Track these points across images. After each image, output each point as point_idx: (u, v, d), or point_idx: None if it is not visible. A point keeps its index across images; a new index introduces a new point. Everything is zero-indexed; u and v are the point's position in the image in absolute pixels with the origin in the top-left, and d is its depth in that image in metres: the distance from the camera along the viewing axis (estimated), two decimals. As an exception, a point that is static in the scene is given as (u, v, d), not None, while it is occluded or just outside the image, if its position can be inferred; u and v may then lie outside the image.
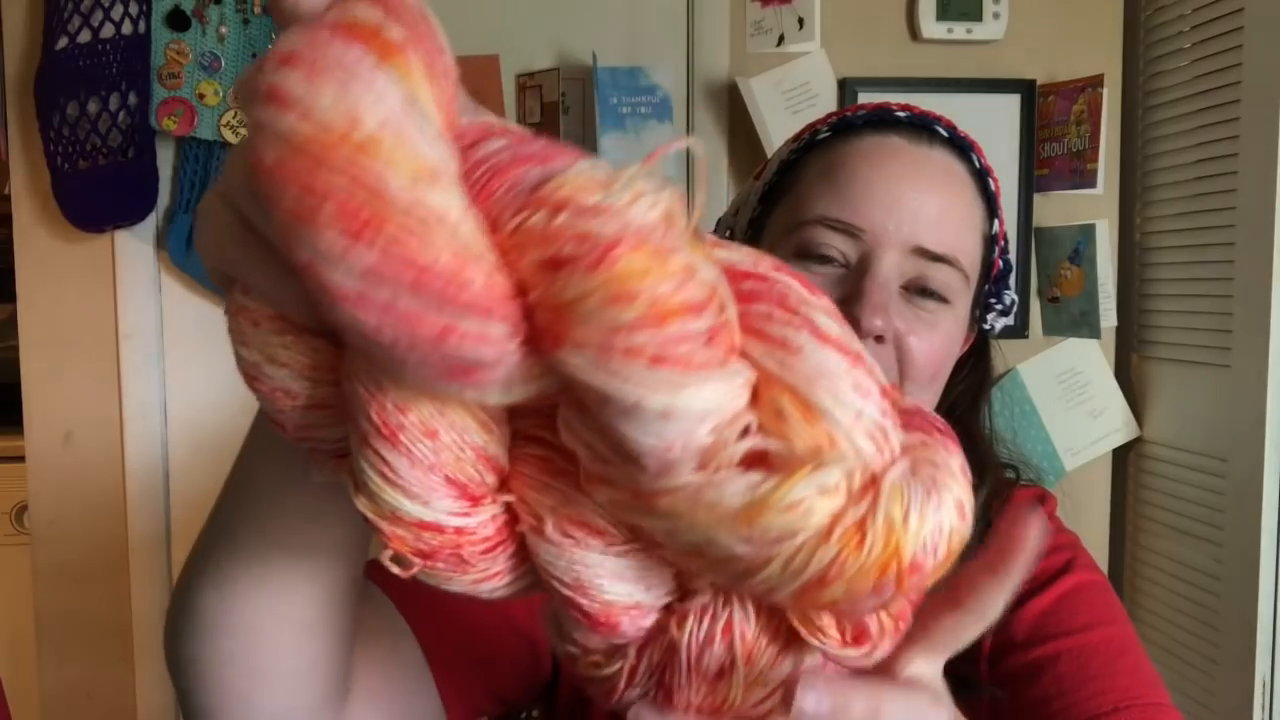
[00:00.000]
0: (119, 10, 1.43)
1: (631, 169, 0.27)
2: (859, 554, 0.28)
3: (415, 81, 0.27)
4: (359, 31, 0.27)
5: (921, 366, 0.66)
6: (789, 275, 0.31)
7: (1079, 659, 0.65)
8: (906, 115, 0.69)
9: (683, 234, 0.28)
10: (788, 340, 0.29)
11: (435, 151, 0.27)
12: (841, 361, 0.29)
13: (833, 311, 0.30)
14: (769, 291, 0.30)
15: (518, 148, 0.29)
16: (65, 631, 1.52)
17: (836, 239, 0.65)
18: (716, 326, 0.28)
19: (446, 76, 0.29)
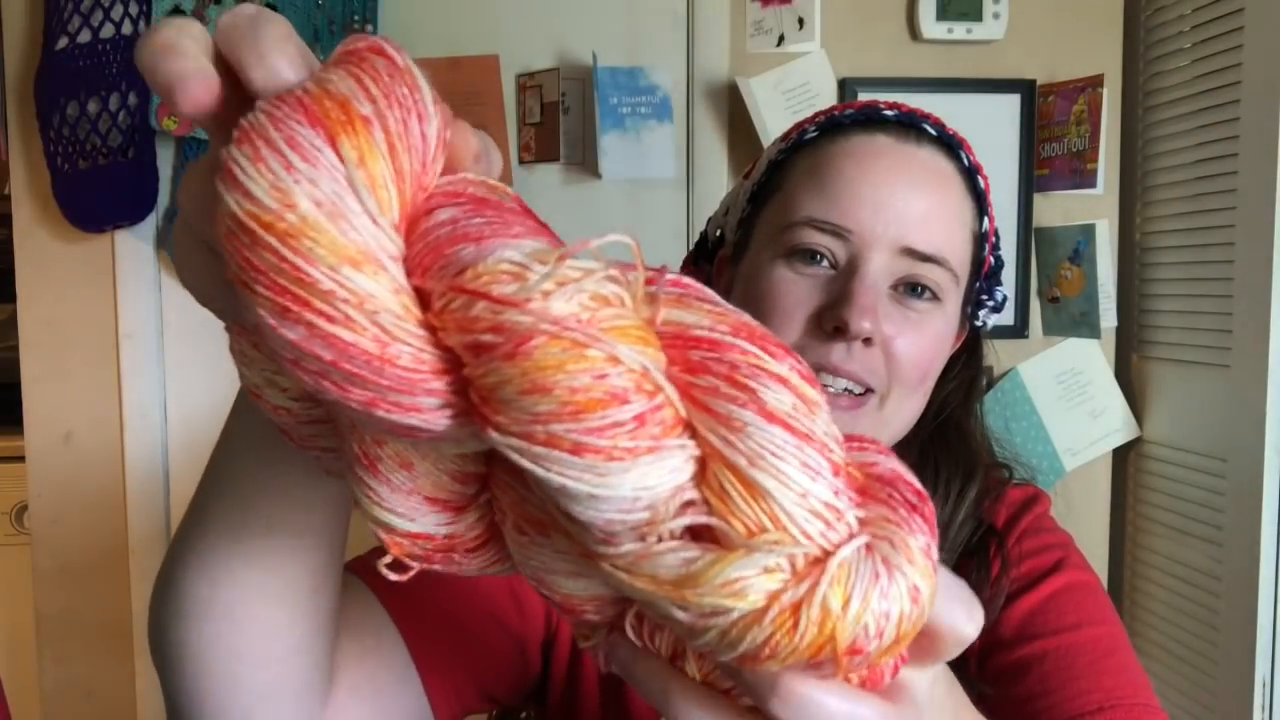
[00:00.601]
0: (119, 10, 1.43)
1: (557, 253, 0.28)
2: (792, 637, 0.28)
3: (370, 158, 0.28)
4: (321, 107, 0.28)
5: (909, 369, 0.66)
6: (750, 339, 0.30)
7: (1066, 657, 0.65)
8: (894, 114, 0.69)
9: (616, 315, 0.28)
10: (732, 417, 0.28)
11: (368, 234, 0.27)
12: (789, 440, 0.28)
13: (791, 381, 0.29)
14: (719, 362, 0.29)
15: (463, 222, 0.29)
16: (65, 631, 1.52)
17: (825, 239, 0.65)
18: (645, 411, 0.27)
19: (416, 146, 0.29)
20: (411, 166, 0.29)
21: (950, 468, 0.72)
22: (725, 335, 0.30)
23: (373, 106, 0.28)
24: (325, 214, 0.27)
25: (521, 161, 1.56)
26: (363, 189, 0.28)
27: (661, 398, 0.28)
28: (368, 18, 1.49)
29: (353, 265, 0.27)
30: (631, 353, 0.27)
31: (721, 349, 0.29)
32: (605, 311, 0.28)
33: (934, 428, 0.73)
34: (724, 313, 0.30)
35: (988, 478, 0.74)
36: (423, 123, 0.29)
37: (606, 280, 0.28)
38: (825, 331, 0.64)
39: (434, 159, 0.30)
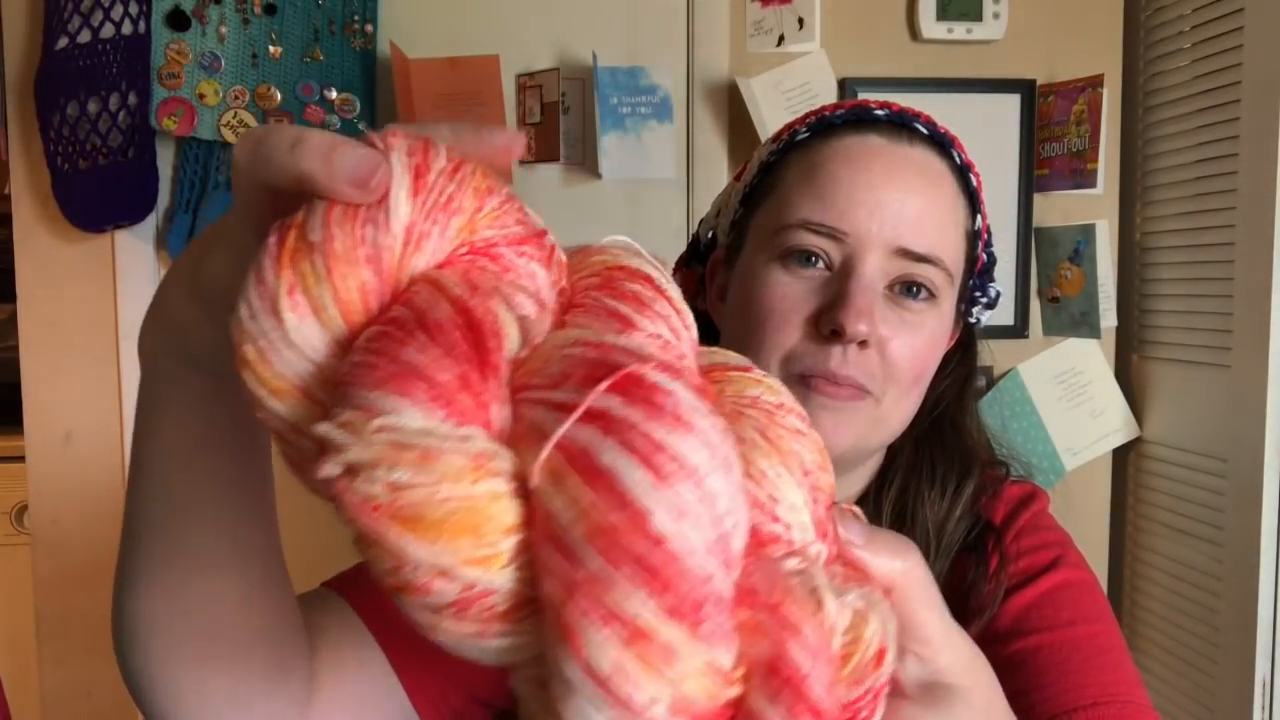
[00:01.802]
0: (119, 10, 1.43)
1: (375, 429, 0.28)
2: None
3: (312, 288, 0.30)
4: (287, 249, 0.30)
5: (905, 370, 0.66)
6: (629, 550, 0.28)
7: (1060, 653, 0.65)
8: (885, 113, 0.69)
9: (448, 509, 0.28)
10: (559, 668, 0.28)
11: (287, 367, 0.30)
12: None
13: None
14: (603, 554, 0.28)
15: (358, 363, 0.30)
16: (65, 631, 1.52)
17: (819, 241, 0.66)
18: (463, 600, 0.29)
19: (371, 257, 0.30)
20: (362, 279, 0.30)
21: (946, 464, 0.72)
22: (592, 532, 0.28)
23: (321, 226, 0.30)
24: (259, 355, 0.30)
25: (521, 161, 1.56)
26: (288, 319, 0.30)
27: (480, 589, 0.28)
28: (368, 18, 1.49)
29: (276, 396, 0.30)
30: (443, 554, 0.28)
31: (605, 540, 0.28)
32: (414, 496, 0.28)
33: (929, 424, 0.74)
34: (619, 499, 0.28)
35: (984, 474, 0.74)
36: (380, 220, 0.31)
37: (448, 484, 0.28)
38: (822, 335, 0.64)
39: (395, 258, 0.31)
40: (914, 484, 0.72)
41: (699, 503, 0.27)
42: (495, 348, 0.29)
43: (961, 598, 0.68)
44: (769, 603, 0.29)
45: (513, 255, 0.33)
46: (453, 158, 0.33)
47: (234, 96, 1.46)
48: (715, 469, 0.28)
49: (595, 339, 0.30)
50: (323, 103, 1.49)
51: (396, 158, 0.31)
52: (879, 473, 0.74)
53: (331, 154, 0.30)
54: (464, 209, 0.32)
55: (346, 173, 0.30)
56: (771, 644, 0.29)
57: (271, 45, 1.47)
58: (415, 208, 0.31)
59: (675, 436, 0.27)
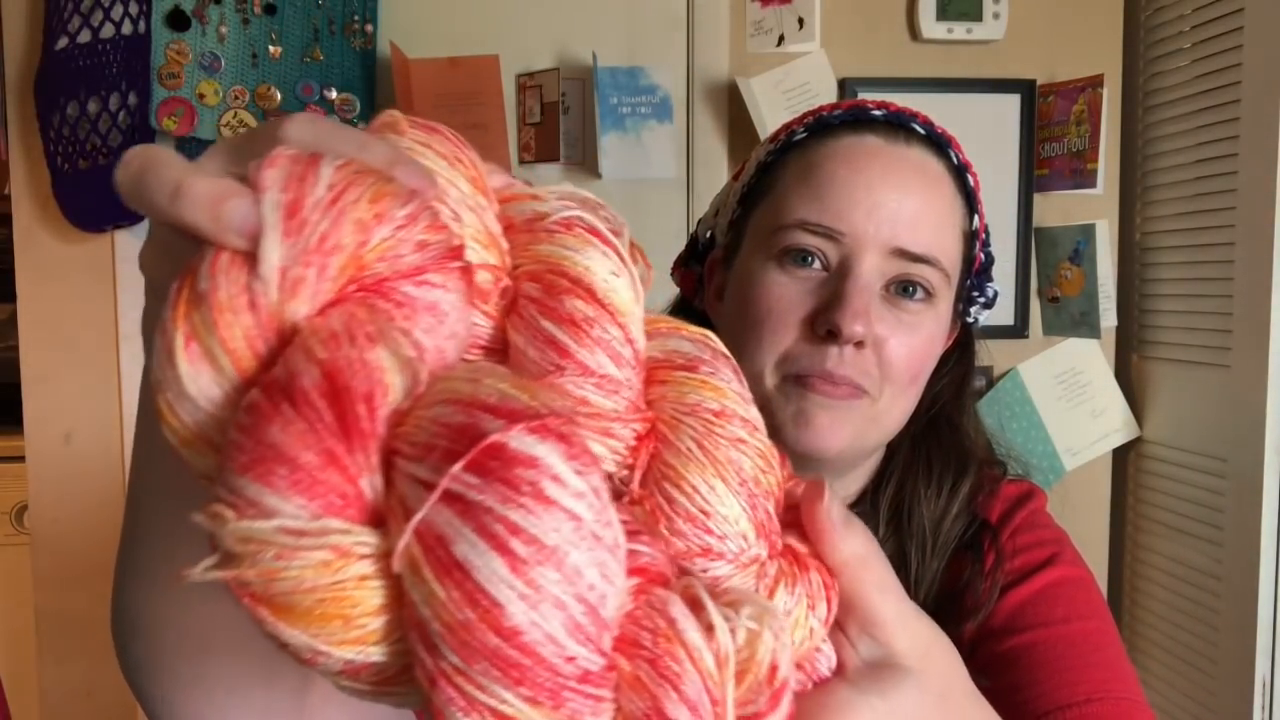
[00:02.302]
0: (119, 10, 1.43)
1: (240, 525, 0.29)
2: None
3: (204, 338, 0.30)
4: (174, 295, 0.30)
5: (901, 370, 0.66)
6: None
7: (1055, 649, 0.65)
8: (882, 114, 0.69)
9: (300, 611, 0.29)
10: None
11: (188, 418, 0.31)
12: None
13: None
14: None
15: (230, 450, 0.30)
16: (65, 631, 1.52)
17: (817, 241, 0.66)
18: (350, 669, 0.30)
19: (252, 304, 0.30)
20: (245, 326, 0.30)
21: (943, 463, 0.72)
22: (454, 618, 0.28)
23: (209, 280, 0.30)
24: (167, 404, 0.31)
25: (521, 161, 1.56)
26: (182, 368, 0.30)
27: (340, 664, 0.30)
28: (368, 18, 1.49)
29: (183, 446, 0.31)
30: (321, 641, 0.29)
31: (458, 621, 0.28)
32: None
33: (926, 423, 0.74)
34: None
35: (981, 473, 0.74)
36: (251, 272, 0.30)
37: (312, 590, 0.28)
38: (818, 335, 0.64)
39: (273, 301, 0.30)
40: (911, 483, 0.72)
41: (560, 584, 0.27)
42: (365, 414, 0.28)
43: (957, 596, 0.68)
44: (650, 654, 0.30)
45: (409, 288, 0.31)
46: (337, 184, 0.30)
47: (234, 96, 1.46)
48: (579, 542, 0.27)
49: (469, 393, 0.29)
50: (323, 103, 1.49)
51: (268, 196, 0.30)
52: (877, 472, 0.74)
53: (218, 207, 0.30)
54: (344, 246, 0.30)
55: (233, 225, 0.29)
56: (650, 700, 0.29)
57: (271, 45, 1.47)
58: (286, 251, 0.29)
59: (533, 518, 0.27)
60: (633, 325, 0.36)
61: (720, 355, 0.39)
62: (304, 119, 0.33)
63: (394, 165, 0.32)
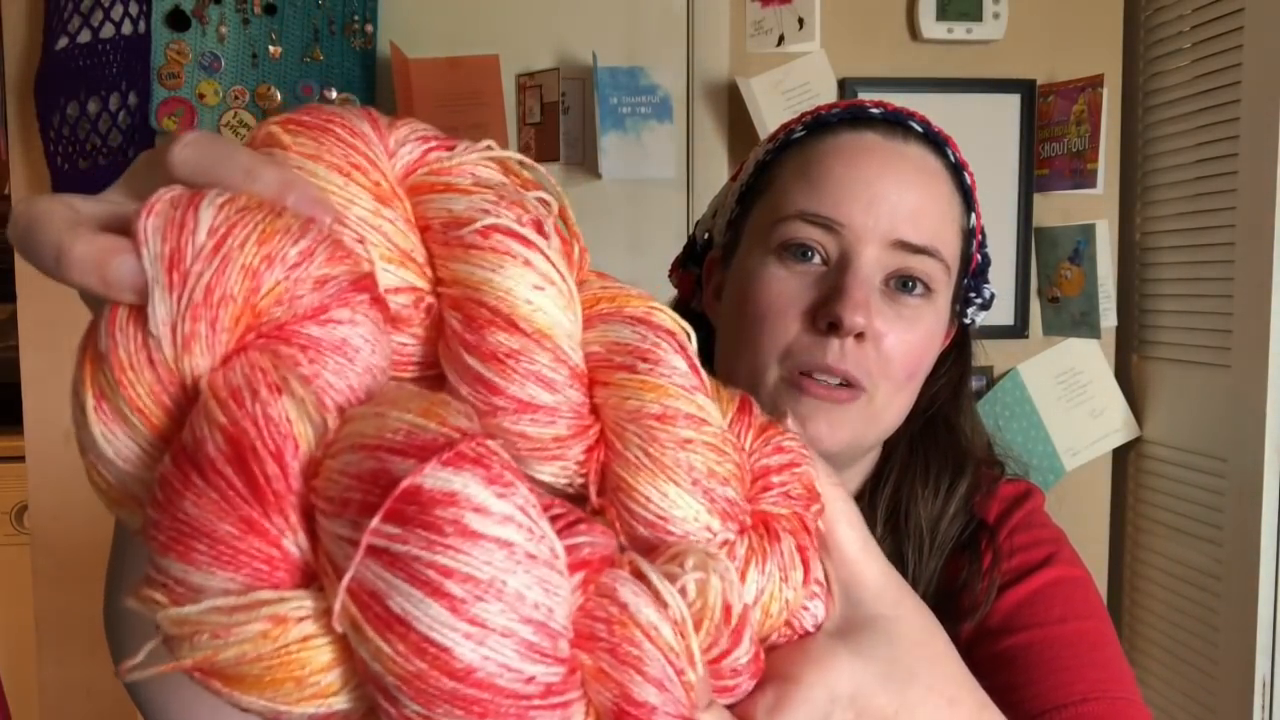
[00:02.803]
0: (119, 10, 1.43)
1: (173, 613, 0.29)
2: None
3: (108, 398, 0.29)
4: (81, 357, 0.30)
5: (899, 365, 0.66)
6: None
7: (1051, 649, 0.65)
8: (880, 112, 0.69)
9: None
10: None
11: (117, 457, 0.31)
12: None
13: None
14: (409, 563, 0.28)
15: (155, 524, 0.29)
16: (65, 631, 1.52)
17: (816, 233, 0.66)
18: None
19: (147, 367, 0.29)
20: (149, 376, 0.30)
21: (940, 463, 0.72)
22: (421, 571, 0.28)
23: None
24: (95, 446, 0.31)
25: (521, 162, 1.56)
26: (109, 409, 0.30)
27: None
28: (368, 18, 1.49)
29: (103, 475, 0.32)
30: None
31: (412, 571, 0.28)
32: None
33: (924, 423, 0.74)
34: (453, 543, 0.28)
35: (979, 473, 0.74)
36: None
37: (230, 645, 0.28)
38: (819, 329, 0.64)
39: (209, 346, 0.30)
40: (908, 483, 0.72)
41: (503, 613, 0.27)
42: (276, 474, 0.28)
43: (955, 596, 0.68)
44: (609, 644, 0.30)
45: (313, 329, 0.30)
46: (219, 227, 0.29)
47: (234, 96, 1.47)
48: (515, 566, 0.27)
49: (374, 435, 0.28)
50: (323, 103, 1.49)
51: (147, 250, 0.28)
52: (874, 472, 0.74)
53: (103, 268, 0.29)
54: (233, 296, 0.29)
55: (123, 283, 0.29)
56: (617, 688, 0.30)
57: (271, 45, 1.47)
58: (173, 306, 0.28)
59: (463, 555, 0.26)
60: (563, 340, 0.34)
61: (663, 333, 0.37)
62: (192, 139, 0.31)
63: (285, 192, 0.31)
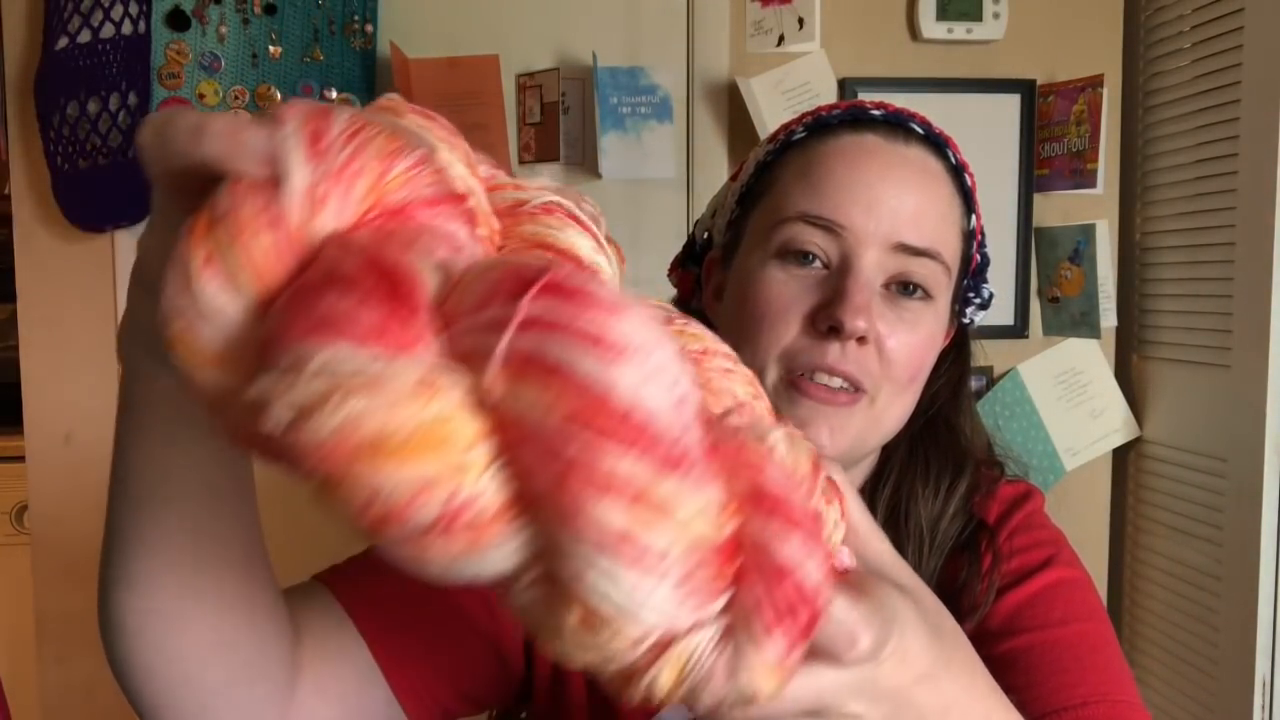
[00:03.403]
0: (119, 10, 1.43)
1: (296, 383, 0.28)
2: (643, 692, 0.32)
3: (225, 259, 0.30)
4: (197, 229, 0.31)
5: (901, 368, 0.66)
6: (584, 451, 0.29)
7: (1052, 652, 0.65)
8: (881, 113, 0.69)
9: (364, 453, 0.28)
10: (563, 546, 0.29)
11: (211, 340, 0.31)
12: (616, 565, 0.29)
13: (629, 491, 0.29)
14: (553, 458, 0.29)
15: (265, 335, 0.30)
16: (65, 631, 1.52)
17: (817, 236, 0.66)
18: (449, 515, 0.29)
19: (275, 220, 0.30)
20: (267, 245, 0.31)
21: (940, 463, 0.72)
22: (560, 422, 0.28)
23: (229, 203, 0.31)
24: (185, 328, 0.31)
25: (521, 161, 1.57)
26: (200, 287, 0.31)
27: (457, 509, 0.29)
28: (368, 18, 1.49)
29: (208, 365, 0.31)
30: (397, 477, 0.28)
31: (550, 443, 0.29)
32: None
33: (924, 423, 0.74)
34: (568, 376, 0.29)
35: (979, 473, 0.74)
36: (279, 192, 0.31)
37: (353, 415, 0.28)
38: (820, 331, 0.64)
39: (302, 218, 0.31)
40: (908, 483, 0.72)
41: (654, 373, 0.28)
42: (413, 292, 0.29)
43: (954, 596, 0.68)
44: (732, 450, 0.32)
45: (428, 215, 0.33)
46: (354, 122, 0.32)
47: (234, 96, 1.47)
48: (658, 344, 0.29)
49: (502, 261, 0.31)
50: (323, 103, 1.49)
51: (291, 125, 0.31)
52: (874, 472, 0.74)
53: (233, 135, 0.31)
54: (367, 171, 0.31)
55: (249, 150, 0.30)
56: (749, 479, 0.32)
57: (271, 45, 1.47)
58: (312, 171, 0.31)
59: (613, 321, 0.28)
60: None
61: (689, 318, 0.43)
62: (301, 102, 0.34)
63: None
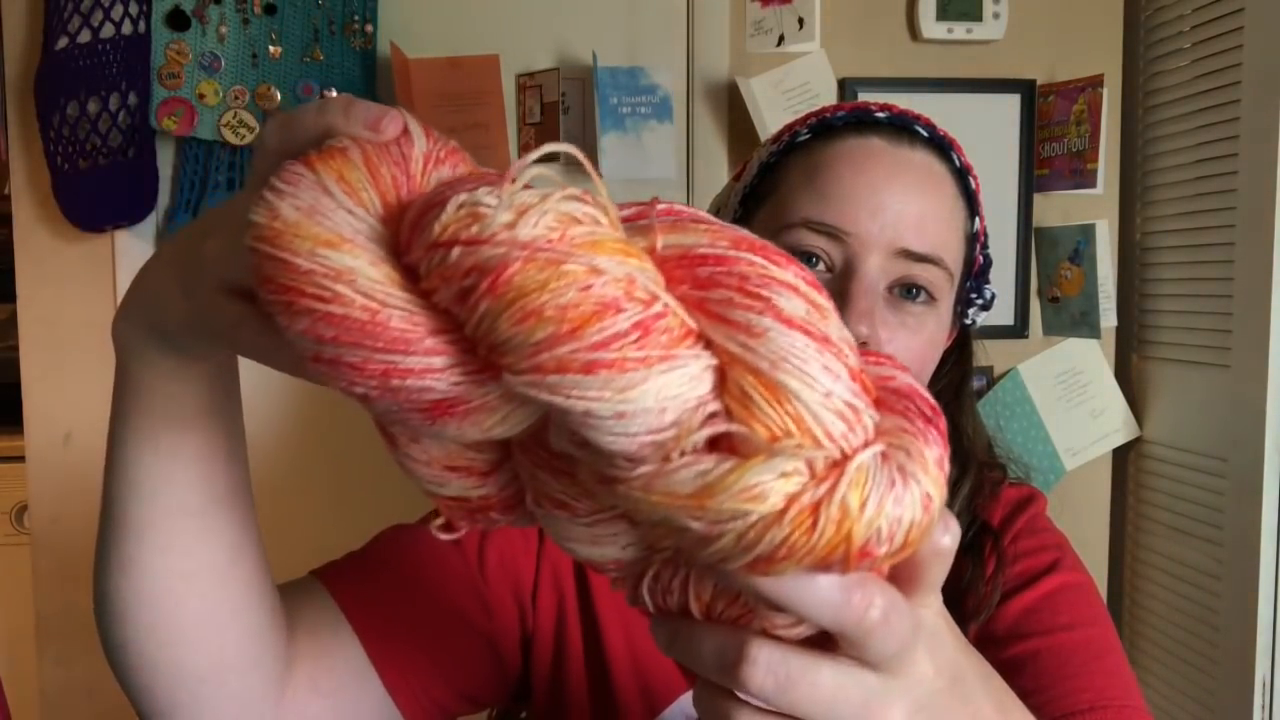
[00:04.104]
0: (119, 10, 1.43)
1: (509, 188, 0.29)
2: (810, 537, 0.29)
3: (347, 172, 0.32)
4: (313, 153, 0.33)
5: None
6: (752, 250, 0.31)
7: (1058, 657, 0.65)
8: (886, 116, 0.69)
9: (589, 232, 0.29)
10: (751, 325, 0.29)
11: (343, 222, 0.31)
12: (809, 344, 0.29)
13: (800, 288, 0.30)
14: (728, 275, 0.30)
15: (434, 192, 0.31)
16: (65, 631, 1.52)
17: (821, 242, 0.66)
18: (645, 319, 0.28)
19: (396, 159, 0.33)
20: (393, 174, 0.32)
21: None
22: (728, 250, 0.31)
23: (353, 143, 0.34)
24: (303, 214, 0.30)
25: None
26: (337, 192, 0.31)
27: (660, 305, 0.29)
28: (368, 18, 1.49)
29: (329, 246, 0.30)
30: (611, 262, 0.28)
31: (728, 263, 0.30)
32: (576, 230, 0.29)
33: None
34: (721, 229, 0.32)
35: (982, 475, 0.74)
36: (403, 144, 0.34)
37: (569, 200, 0.29)
38: None
39: (419, 169, 0.33)
40: None
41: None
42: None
43: (958, 598, 0.68)
44: (889, 400, 0.32)
45: None
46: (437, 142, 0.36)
47: (234, 96, 1.46)
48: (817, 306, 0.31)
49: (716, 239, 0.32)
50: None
51: (406, 114, 0.35)
52: None
53: (349, 107, 0.35)
54: (459, 165, 0.35)
55: (362, 119, 0.35)
56: (898, 420, 0.31)
57: (271, 45, 1.47)
58: (430, 143, 0.34)
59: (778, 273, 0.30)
60: None
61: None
62: (315, 106, 0.38)
63: (384, 113, 0.37)
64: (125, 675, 0.54)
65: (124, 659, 0.53)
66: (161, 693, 0.53)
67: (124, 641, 0.53)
